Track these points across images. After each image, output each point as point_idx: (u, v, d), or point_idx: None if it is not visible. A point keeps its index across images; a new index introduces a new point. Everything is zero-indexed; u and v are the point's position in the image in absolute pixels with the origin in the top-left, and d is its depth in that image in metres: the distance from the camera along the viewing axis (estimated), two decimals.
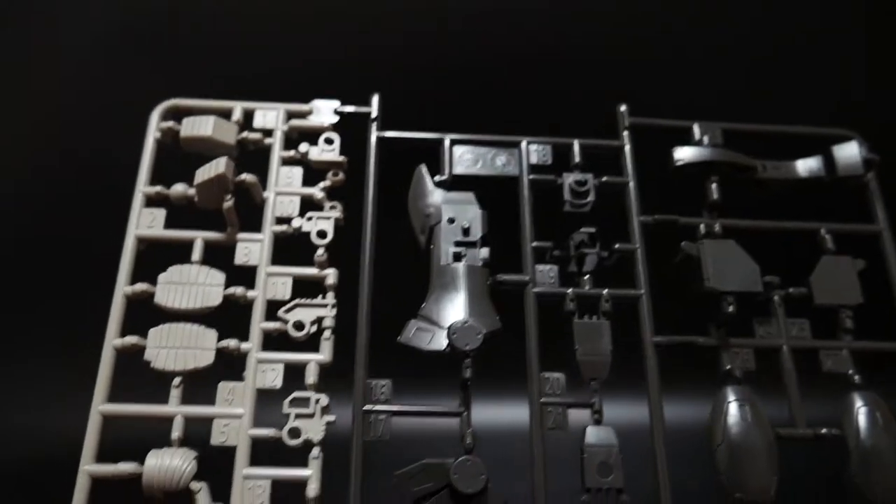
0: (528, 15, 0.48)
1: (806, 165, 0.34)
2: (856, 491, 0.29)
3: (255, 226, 0.32)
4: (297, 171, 0.33)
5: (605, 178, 0.34)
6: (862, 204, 0.35)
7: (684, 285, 0.32)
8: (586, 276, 0.32)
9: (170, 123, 0.33)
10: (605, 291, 0.32)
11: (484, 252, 0.32)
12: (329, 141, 0.34)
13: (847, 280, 0.32)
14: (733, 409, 0.29)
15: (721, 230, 0.33)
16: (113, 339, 0.30)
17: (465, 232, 0.32)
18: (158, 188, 0.32)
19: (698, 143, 0.34)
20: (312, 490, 0.28)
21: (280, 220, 0.32)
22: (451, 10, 0.49)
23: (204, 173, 0.31)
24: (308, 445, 0.28)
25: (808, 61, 0.52)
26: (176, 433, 0.28)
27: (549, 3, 0.49)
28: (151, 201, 0.32)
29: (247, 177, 0.32)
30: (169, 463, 0.27)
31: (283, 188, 0.33)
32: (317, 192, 0.33)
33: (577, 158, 0.34)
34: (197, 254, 0.31)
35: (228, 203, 0.31)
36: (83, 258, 0.52)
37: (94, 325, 0.30)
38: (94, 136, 0.54)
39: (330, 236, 0.32)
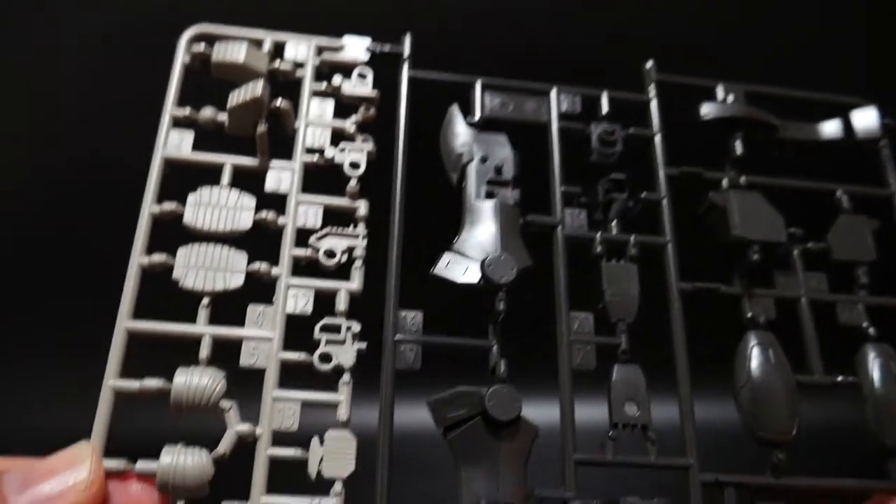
0: None
1: (826, 128, 0.35)
2: (870, 434, 0.30)
3: (284, 156, 0.32)
4: (329, 104, 0.33)
5: (631, 130, 0.34)
6: (871, 170, 0.36)
7: (708, 236, 0.33)
8: (613, 222, 0.32)
9: (200, 47, 0.33)
10: (632, 237, 0.32)
11: (516, 193, 0.32)
12: (362, 76, 0.33)
13: (863, 238, 0.33)
14: (756, 352, 0.30)
15: (745, 183, 0.33)
16: (139, 257, 0.29)
17: (498, 171, 0.32)
18: (187, 111, 0.32)
19: (722, 103, 0.35)
20: (342, 414, 0.28)
21: (310, 151, 0.32)
22: None
23: (239, 96, 0.31)
24: (338, 371, 0.28)
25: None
26: (204, 353, 0.28)
27: None
28: (179, 123, 0.32)
29: (282, 103, 0.31)
30: (198, 381, 0.27)
31: (315, 120, 0.33)
32: (348, 125, 0.33)
33: (605, 109, 0.35)
34: (226, 178, 0.31)
35: (262, 128, 0.31)
36: (84, 258, 0.52)
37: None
38: (94, 136, 0.54)
39: (363, 168, 0.32)
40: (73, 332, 0.49)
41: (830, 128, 0.35)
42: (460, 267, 0.30)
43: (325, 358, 0.28)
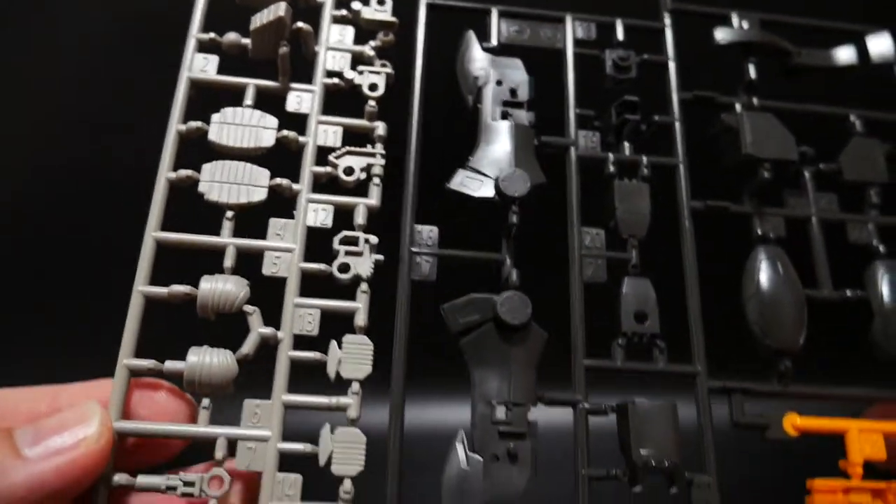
0: None
1: (840, 54, 0.35)
2: (878, 349, 0.31)
3: (305, 82, 0.33)
4: (349, 30, 0.34)
5: (646, 56, 0.35)
6: (886, 97, 0.36)
7: (719, 158, 0.33)
8: (626, 144, 0.33)
9: None
10: (644, 157, 0.33)
11: (530, 115, 0.33)
12: (381, 1, 0.34)
13: (875, 160, 0.34)
14: (765, 265, 0.31)
15: (759, 106, 0.34)
16: (166, 173, 0.30)
17: (513, 93, 0.33)
18: (212, 35, 0.33)
19: (737, 29, 0.35)
20: (361, 320, 0.29)
21: (331, 74, 0.33)
22: None
23: (262, 18, 0.32)
24: (356, 281, 0.29)
25: None
26: (228, 262, 0.29)
27: None
28: (204, 48, 0.33)
29: (302, 25, 0.32)
30: (223, 287, 0.28)
31: (335, 44, 0.33)
32: (367, 49, 0.33)
33: (620, 36, 0.35)
34: (249, 99, 0.32)
35: (284, 49, 0.32)
36: (85, 257, 0.52)
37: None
38: (93, 136, 0.54)
39: (381, 90, 0.32)
40: (73, 332, 0.50)
41: (845, 54, 0.35)
42: (475, 183, 0.31)
43: (344, 268, 0.29)
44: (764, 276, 0.30)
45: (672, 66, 0.35)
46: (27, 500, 0.24)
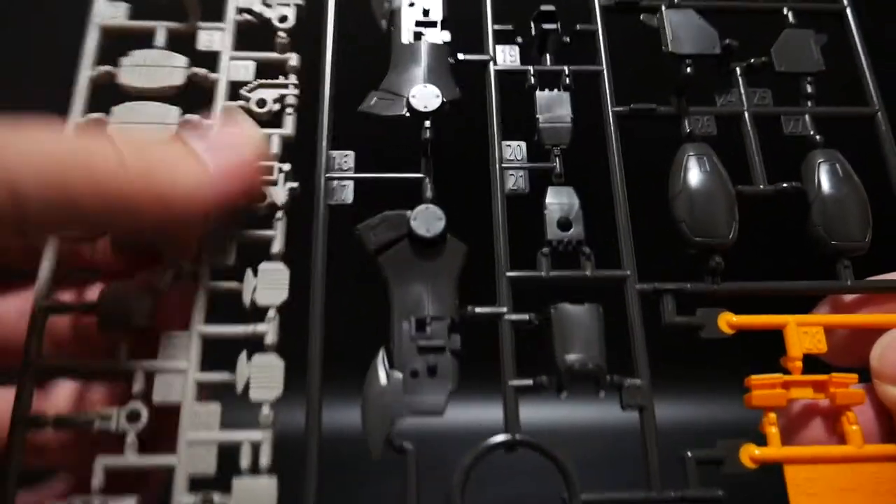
0: None
1: None
2: (816, 240, 0.29)
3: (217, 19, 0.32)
4: None
5: None
6: None
7: (646, 64, 0.32)
8: (548, 56, 0.32)
9: None
10: (566, 67, 0.32)
11: (445, 34, 0.32)
12: None
13: (808, 50, 0.32)
14: (692, 162, 0.30)
15: (682, 4, 0.33)
16: (77, 117, 0.30)
17: (426, 13, 0.32)
18: None
19: None
20: (277, 247, 0.28)
21: (241, 11, 0.32)
22: None
23: None
24: (273, 209, 0.29)
25: None
26: None
27: None
28: None
29: None
30: None
31: None
32: None
33: None
34: (160, 41, 0.32)
35: None
36: None
37: None
38: None
39: (291, 21, 0.32)
40: None
41: None
42: (386, 103, 0.30)
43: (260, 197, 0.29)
44: (691, 172, 0.29)
45: None
46: (208, 188, 0.25)
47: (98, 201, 0.23)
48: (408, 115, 0.29)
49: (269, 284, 0.28)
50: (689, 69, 0.30)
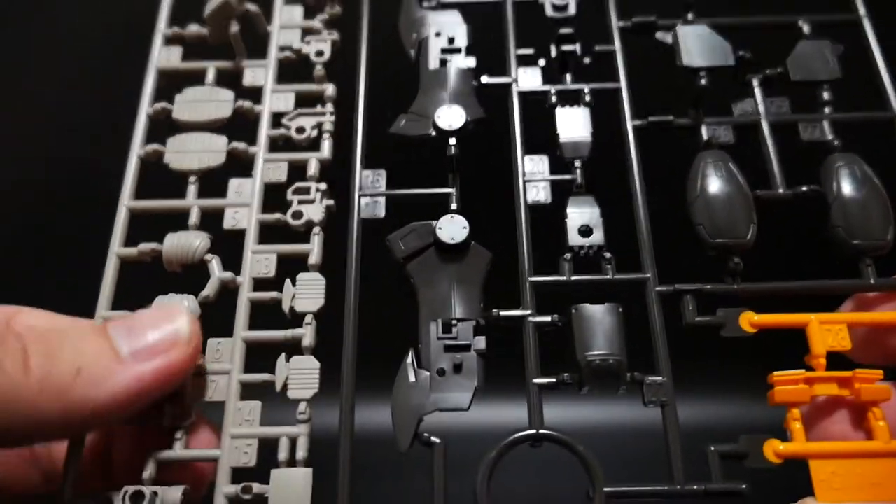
0: None
1: None
2: (837, 240, 0.30)
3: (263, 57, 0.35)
4: (299, 8, 0.36)
5: None
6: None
7: (664, 80, 0.34)
8: (568, 76, 0.34)
9: None
10: (586, 86, 0.33)
11: (470, 60, 0.34)
12: None
13: (825, 60, 0.33)
14: (710, 168, 0.30)
15: (701, 23, 0.34)
16: (137, 150, 0.33)
17: (451, 41, 0.34)
18: (175, 29, 0.36)
19: None
20: (314, 258, 0.30)
21: (283, 49, 0.35)
22: None
23: (211, 5, 0.34)
24: (310, 225, 0.31)
25: None
26: (192, 220, 0.31)
27: None
28: (169, 41, 0.36)
29: (250, 6, 0.35)
30: (185, 240, 0.30)
31: (286, 22, 0.36)
32: (316, 22, 0.36)
33: None
34: (210, 79, 0.35)
35: (234, 28, 0.34)
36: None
37: None
38: (94, 137, 0.55)
39: (327, 55, 0.35)
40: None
41: None
42: (414, 124, 0.32)
43: (297, 215, 0.31)
44: (708, 176, 0.30)
45: None
46: (127, 405, 0.24)
47: (4, 414, 0.22)
48: (434, 134, 0.31)
49: (307, 293, 0.30)
50: (703, 81, 0.32)
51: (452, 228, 0.29)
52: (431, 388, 0.27)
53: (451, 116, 0.31)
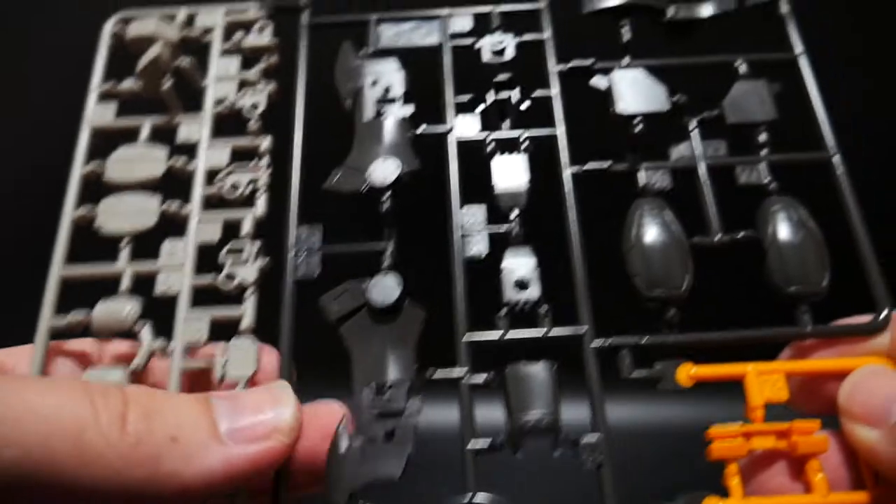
0: None
1: (716, 2, 0.35)
2: (773, 287, 0.30)
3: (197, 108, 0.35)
4: (235, 60, 0.36)
5: (524, 37, 0.35)
6: (776, 37, 0.35)
7: (600, 125, 0.33)
8: (506, 122, 0.34)
9: (118, 27, 0.36)
10: (522, 132, 0.33)
11: (406, 109, 0.34)
12: (261, 28, 0.36)
13: (761, 100, 0.33)
14: (645, 217, 0.30)
15: (636, 66, 0.34)
16: (69, 214, 0.33)
17: (387, 91, 0.34)
18: (109, 84, 0.35)
19: None
20: (246, 323, 0.30)
21: (219, 102, 0.35)
22: None
23: (143, 59, 0.34)
24: (243, 287, 0.31)
25: None
26: (124, 285, 0.31)
27: None
28: (104, 97, 0.35)
29: (182, 60, 0.35)
30: (115, 307, 0.30)
31: (222, 75, 0.36)
32: (252, 74, 0.35)
33: (495, 23, 0.36)
34: (144, 136, 0.34)
35: (167, 85, 0.34)
36: None
37: None
38: None
39: (262, 107, 0.34)
40: None
41: (721, 3, 0.35)
42: (348, 179, 0.32)
43: (230, 277, 0.31)
44: (644, 225, 0.30)
45: (548, 41, 0.35)
46: (219, 486, 0.23)
47: (84, 474, 0.21)
48: (366, 189, 0.31)
49: (239, 359, 0.29)
50: (638, 128, 0.31)
51: (384, 289, 0.29)
52: (362, 458, 0.26)
53: (384, 171, 0.31)
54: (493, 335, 0.29)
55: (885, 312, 0.29)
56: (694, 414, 0.29)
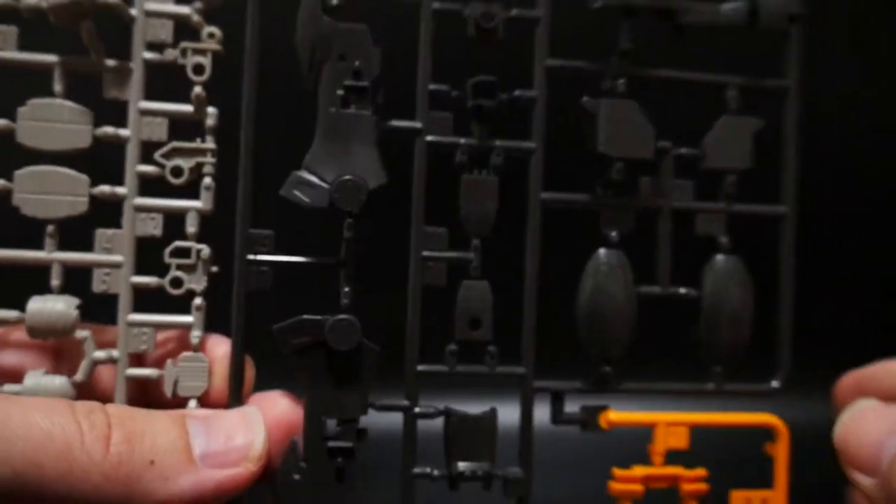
0: None
1: (728, 9, 0.32)
2: (702, 348, 0.32)
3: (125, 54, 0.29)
4: None
5: (514, 12, 0.31)
6: (773, 62, 0.33)
7: (582, 141, 0.32)
8: (481, 129, 0.31)
9: None
10: (497, 143, 0.31)
11: (377, 97, 0.30)
12: None
13: (742, 143, 0.32)
14: (599, 275, 0.31)
15: (625, 86, 0.31)
16: None
17: (356, 75, 0.30)
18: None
19: None
20: (195, 337, 0.29)
21: (151, 46, 0.29)
22: None
23: None
24: (191, 294, 0.29)
25: None
26: (55, 281, 0.29)
27: None
28: (2, 14, 0.29)
29: None
30: (52, 307, 0.28)
31: (152, 6, 0.29)
32: (192, 13, 0.29)
33: None
34: (58, 84, 0.29)
35: (88, 24, 0.28)
36: None
37: None
38: None
39: (208, 72, 0.29)
40: None
41: (733, 9, 0.32)
42: (309, 190, 0.29)
43: (177, 283, 0.29)
44: (596, 286, 0.31)
45: (543, 21, 0.31)
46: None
47: (68, 490, 0.22)
48: (328, 206, 0.29)
49: (189, 375, 0.29)
50: (618, 174, 0.30)
51: (342, 335, 0.29)
52: (313, 486, 0.29)
53: (350, 196, 0.28)
54: (442, 369, 0.31)
55: (775, 383, 0.32)
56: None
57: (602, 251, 0.31)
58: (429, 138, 0.31)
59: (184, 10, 0.29)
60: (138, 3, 0.29)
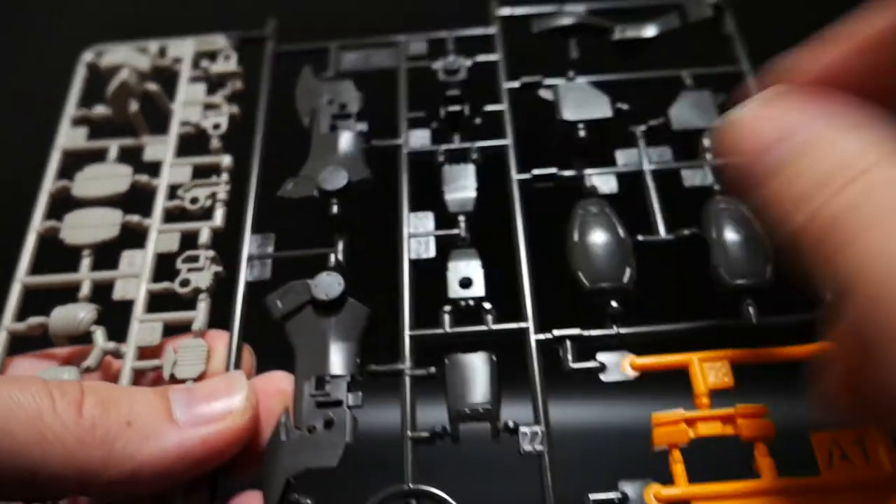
0: None
1: (660, 21, 0.36)
2: (717, 279, 0.30)
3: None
4: (201, 86, 0.38)
5: (478, 58, 0.37)
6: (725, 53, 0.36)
7: (549, 137, 0.34)
8: (457, 136, 0.35)
9: (93, 57, 0.38)
10: (473, 143, 0.34)
11: (360, 125, 0.35)
12: (227, 57, 0.38)
13: (706, 109, 0.34)
14: (587, 214, 0.31)
15: (584, 82, 0.35)
16: (36, 227, 0.34)
17: (342, 107, 0.35)
18: (83, 111, 0.37)
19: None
20: (197, 324, 0.30)
21: (184, 124, 0.37)
22: None
23: (111, 85, 0.36)
24: (197, 292, 0.31)
25: None
26: (83, 292, 0.32)
27: None
28: (77, 122, 0.37)
29: (149, 85, 0.36)
30: (70, 313, 0.31)
31: (189, 99, 0.37)
32: (217, 98, 0.37)
33: (450, 47, 0.38)
34: (112, 156, 0.36)
35: (134, 107, 0.36)
36: None
37: None
38: None
39: (224, 127, 0.36)
40: None
41: (665, 20, 0.36)
42: (300, 186, 0.33)
43: (184, 283, 0.32)
44: (586, 223, 0.30)
45: (500, 62, 0.37)
46: (173, 468, 0.24)
47: (42, 456, 0.22)
48: (316, 195, 0.32)
49: (188, 359, 0.29)
50: (581, 133, 0.32)
51: (327, 285, 0.29)
52: (301, 446, 0.26)
53: (334, 178, 0.32)
54: (436, 331, 0.29)
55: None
56: (639, 412, 0.28)
57: (584, 200, 0.32)
58: (409, 150, 0.34)
59: (213, 98, 0.37)
60: (179, 98, 0.37)
